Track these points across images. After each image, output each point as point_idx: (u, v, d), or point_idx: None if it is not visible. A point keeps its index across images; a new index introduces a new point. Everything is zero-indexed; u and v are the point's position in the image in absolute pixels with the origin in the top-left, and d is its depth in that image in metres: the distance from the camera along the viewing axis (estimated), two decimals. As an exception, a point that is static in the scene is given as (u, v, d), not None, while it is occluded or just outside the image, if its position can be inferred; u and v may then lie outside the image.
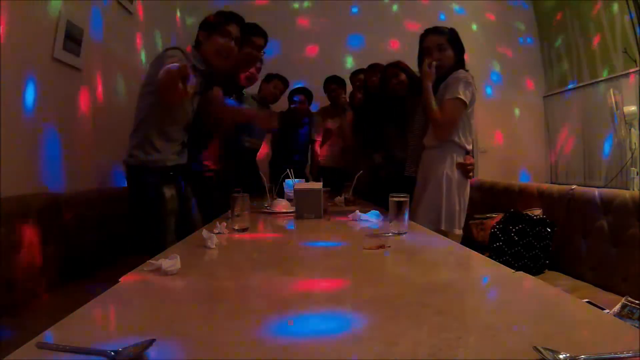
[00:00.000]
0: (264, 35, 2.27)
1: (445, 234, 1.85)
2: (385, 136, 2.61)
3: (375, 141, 2.69)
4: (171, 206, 1.80)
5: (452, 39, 1.93)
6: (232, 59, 1.90)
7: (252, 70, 2.55)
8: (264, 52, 2.33)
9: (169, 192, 1.79)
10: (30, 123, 1.83)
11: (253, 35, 2.19)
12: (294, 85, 3.54)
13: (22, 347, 0.53)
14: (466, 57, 1.99)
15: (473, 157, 2.07)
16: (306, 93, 3.43)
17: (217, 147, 2.37)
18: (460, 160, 1.92)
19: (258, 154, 3.17)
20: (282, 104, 3.39)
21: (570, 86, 3.99)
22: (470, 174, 1.97)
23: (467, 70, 1.93)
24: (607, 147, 3.50)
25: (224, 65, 1.89)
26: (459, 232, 1.92)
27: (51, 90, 1.96)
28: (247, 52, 2.18)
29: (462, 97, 1.82)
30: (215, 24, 1.85)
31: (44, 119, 1.92)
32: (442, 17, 4.24)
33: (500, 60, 4.33)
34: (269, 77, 3.17)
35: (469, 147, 1.97)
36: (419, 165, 2.09)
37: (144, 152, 1.75)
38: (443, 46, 1.91)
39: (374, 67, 2.80)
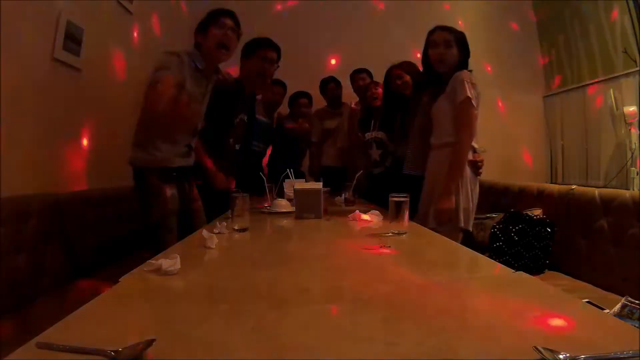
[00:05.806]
0: (276, 48, 2.33)
1: (459, 231, 1.86)
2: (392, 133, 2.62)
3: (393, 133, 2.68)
4: (172, 206, 1.81)
5: (459, 39, 1.94)
6: (232, 51, 1.93)
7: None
8: (278, 66, 2.38)
9: (169, 191, 1.80)
10: (30, 123, 1.83)
11: (266, 49, 2.27)
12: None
13: (22, 347, 0.53)
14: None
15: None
16: (308, 96, 3.42)
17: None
18: (470, 157, 1.93)
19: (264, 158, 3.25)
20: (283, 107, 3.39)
21: (570, 86, 3.99)
22: (480, 170, 1.97)
23: (470, 71, 1.94)
24: (607, 147, 3.50)
25: (226, 58, 1.92)
26: (471, 229, 1.94)
27: (51, 90, 1.96)
28: (259, 70, 2.27)
29: (470, 95, 1.83)
30: (208, 20, 1.88)
31: (44, 119, 1.92)
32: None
33: (501, 60, 4.33)
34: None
35: (476, 145, 1.97)
36: (427, 164, 2.08)
37: (146, 152, 1.77)
38: (450, 43, 1.92)
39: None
